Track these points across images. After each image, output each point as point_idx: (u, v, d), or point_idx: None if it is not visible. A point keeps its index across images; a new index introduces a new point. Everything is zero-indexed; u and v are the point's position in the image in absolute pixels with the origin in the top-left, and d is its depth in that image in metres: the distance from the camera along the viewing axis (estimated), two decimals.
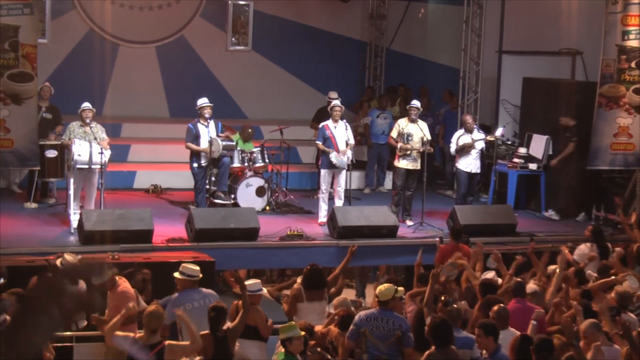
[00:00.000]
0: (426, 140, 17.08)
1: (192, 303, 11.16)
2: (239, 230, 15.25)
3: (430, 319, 9.89)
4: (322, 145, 16.87)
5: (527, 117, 19.83)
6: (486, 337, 9.55)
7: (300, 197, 18.53)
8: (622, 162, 17.71)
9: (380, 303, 10.58)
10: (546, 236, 16.35)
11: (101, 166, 15.52)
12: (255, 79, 22.00)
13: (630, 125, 17.34)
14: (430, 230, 16.51)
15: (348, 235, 15.51)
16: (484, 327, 9.68)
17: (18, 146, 14.49)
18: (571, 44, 19.76)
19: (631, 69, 17.25)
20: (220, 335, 10.08)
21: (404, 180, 17.30)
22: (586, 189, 18.65)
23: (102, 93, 19.69)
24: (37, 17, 14.92)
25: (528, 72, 20.20)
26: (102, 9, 19.85)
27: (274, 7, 21.74)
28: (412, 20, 22.82)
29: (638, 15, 17.12)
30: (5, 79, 14.15)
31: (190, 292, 11.29)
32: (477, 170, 17.75)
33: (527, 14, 20.77)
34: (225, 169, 17.13)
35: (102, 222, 14.61)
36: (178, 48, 21.65)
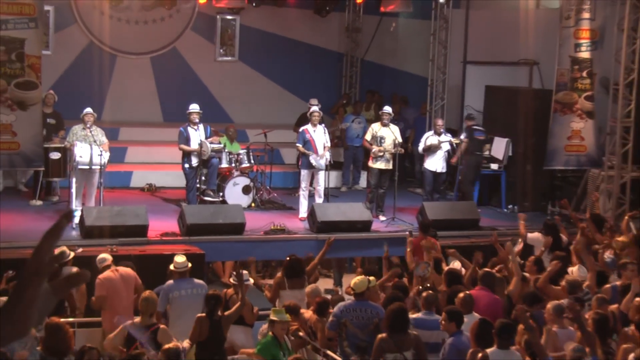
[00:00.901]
0: (398, 142, 17.11)
1: (180, 291, 11.27)
2: (227, 225, 15.25)
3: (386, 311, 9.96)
4: (302, 148, 16.89)
5: (489, 121, 19.80)
6: (449, 322, 9.59)
7: (283, 194, 18.51)
8: (575, 163, 17.78)
9: (356, 294, 10.60)
10: (507, 230, 16.36)
11: (101, 167, 15.52)
12: (241, 87, 21.98)
13: (582, 129, 17.39)
14: (401, 225, 16.50)
15: (326, 229, 15.48)
16: (448, 313, 9.73)
17: (24, 149, 14.44)
18: (529, 55, 19.82)
19: (583, 78, 17.31)
20: (216, 319, 10.11)
21: (377, 179, 17.33)
22: (543, 187, 18.75)
23: (101, 100, 19.62)
24: (41, 30, 14.85)
25: (490, 81, 20.25)
26: (101, 23, 19.78)
27: (258, 21, 21.72)
28: (385, 33, 22.83)
29: (588, 29, 17.19)
30: (12, 87, 14.09)
31: (181, 281, 11.43)
32: (442, 170, 17.82)
33: (489, 28, 20.86)
34: (214, 169, 17.12)
35: (101, 218, 14.59)
36: (171, 59, 21.59)
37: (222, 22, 21.96)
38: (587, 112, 17.40)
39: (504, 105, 19.33)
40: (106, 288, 11.26)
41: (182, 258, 11.67)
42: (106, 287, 11.26)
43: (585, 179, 18.25)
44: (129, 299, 11.23)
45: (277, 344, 9.48)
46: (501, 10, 19.89)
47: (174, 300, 11.15)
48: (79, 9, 20.26)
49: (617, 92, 17.24)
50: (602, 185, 17.56)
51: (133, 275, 11.56)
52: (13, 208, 16.11)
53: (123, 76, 20.95)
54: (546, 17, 18.56)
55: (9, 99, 14.11)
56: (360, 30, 22.96)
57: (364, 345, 10.19)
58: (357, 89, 23.01)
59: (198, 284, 11.50)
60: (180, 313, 11.03)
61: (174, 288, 11.27)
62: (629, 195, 17.36)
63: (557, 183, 18.89)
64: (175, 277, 11.47)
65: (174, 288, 11.27)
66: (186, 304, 11.08)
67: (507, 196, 18.81)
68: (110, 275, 11.38)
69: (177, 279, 11.40)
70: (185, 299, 11.13)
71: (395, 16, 21.95)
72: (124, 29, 20.75)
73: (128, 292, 11.31)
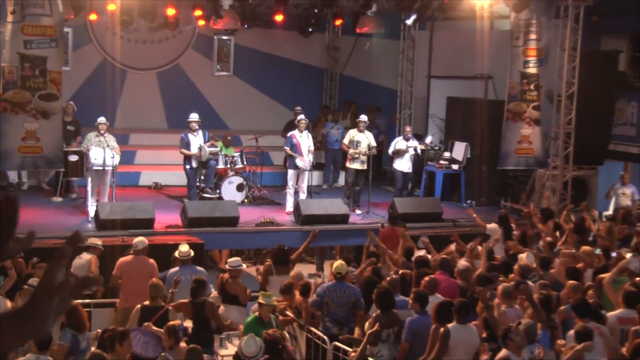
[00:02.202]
0: (372, 146, 17.17)
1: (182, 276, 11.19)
2: (223, 219, 15.24)
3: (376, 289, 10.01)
4: (289, 151, 16.87)
5: (450, 128, 19.88)
6: (415, 302, 9.67)
7: (272, 192, 18.47)
8: (524, 164, 17.80)
9: (337, 277, 10.67)
10: (466, 222, 16.45)
11: (113, 168, 15.52)
12: (235, 98, 21.96)
13: (530, 135, 17.42)
14: (375, 218, 16.55)
15: (309, 222, 15.51)
16: (415, 294, 9.80)
17: (46, 152, 14.40)
18: (484, 70, 19.83)
19: (531, 90, 17.35)
20: (198, 302, 10.10)
21: (354, 178, 17.37)
22: (496, 184, 18.83)
23: (114, 109, 19.60)
24: (61, 49, 14.84)
25: (451, 93, 20.26)
26: (113, 42, 19.76)
27: (250, 41, 21.72)
28: (360, 51, 22.85)
29: (535, 48, 17.22)
30: (36, 98, 14.06)
31: (184, 268, 11.42)
32: (409, 170, 17.89)
33: (450, 47, 20.94)
34: (212, 170, 17.13)
35: (113, 212, 14.61)
36: (174, 74, 21.57)
37: (219, 42, 21.97)
38: (535, 120, 17.45)
39: (463, 114, 19.30)
40: (121, 270, 11.29)
41: (186, 247, 11.68)
42: (121, 269, 11.29)
43: (533, 178, 18.33)
44: (141, 283, 10.99)
45: (260, 323, 9.44)
46: (460, 31, 19.96)
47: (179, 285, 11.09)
48: (94, 31, 20.24)
49: (560, 103, 17.32)
50: (548, 183, 17.67)
51: (151, 264, 11.43)
52: (37, 204, 16.10)
53: (132, 89, 20.93)
54: (499, 38, 18.62)
55: (34, 109, 14.08)
56: (339, 49, 23.02)
57: (343, 320, 10.31)
58: (336, 99, 23.02)
59: (198, 270, 11.48)
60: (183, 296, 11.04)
61: (177, 274, 11.23)
62: (570, 191, 17.48)
63: (508, 181, 18.93)
64: (179, 264, 11.49)
65: (178, 274, 11.23)
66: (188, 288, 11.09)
67: (466, 192, 18.80)
68: (128, 260, 11.41)
69: (181, 266, 11.42)
70: (187, 283, 11.05)
71: (369, 36, 22.00)
72: (133, 48, 20.75)
73: (141, 278, 11.11)
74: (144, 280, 10.89)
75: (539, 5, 17.00)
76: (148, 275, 11.06)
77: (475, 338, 8.94)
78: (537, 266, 11.63)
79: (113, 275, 11.31)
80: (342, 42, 22.91)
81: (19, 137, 14.09)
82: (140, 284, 10.99)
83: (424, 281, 10.32)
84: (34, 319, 1.94)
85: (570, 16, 16.87)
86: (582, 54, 17.16)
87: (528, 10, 16.91)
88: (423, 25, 20.95)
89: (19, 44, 13.88)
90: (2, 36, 13.87)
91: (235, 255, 12.95)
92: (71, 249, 2.02)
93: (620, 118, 18.35)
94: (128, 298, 11.03)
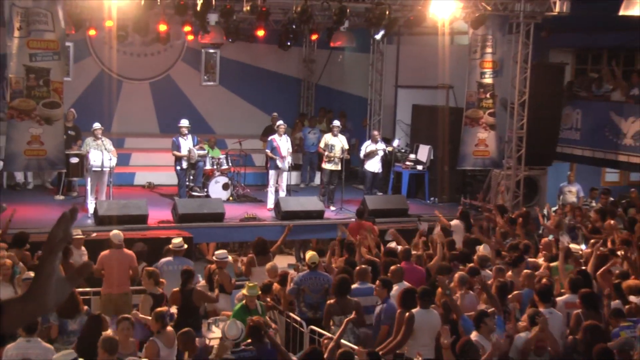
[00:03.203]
0: (344, 149, 17.23)
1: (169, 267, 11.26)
2: (210, 214, 15.25)
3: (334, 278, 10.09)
4: (270, 153, 16.93)
5: (415, 132, 19.94)
6: (382, 288, 9.71)
7: (254, 190, 18.47)
8: (481, 164, 17.86)
9: (311, 266, 10.71)
10: (429, 217, 16.52)
11: (110, 169, 15.51)
12: (221, 105, 21.94)
13: (486, 138, 17.47)
14: (347, 213, 16.57)
15: (288, 217, 15.52)
16: (382, 281, 9.85)
17: (50, 155, 14.33)
18: (445, 80, 19.88)
19: (487, 99, 17.39)
20: (188, 289, 10.10)
21: (328, 178, 17.42)
22: (456, 183, 18.92)
23: (110, 116, 19.54)
24: (63, 61, 14.77)
25: (416, 101, 20.33)
26: (110, 55, 19.70)
27: (234, 54, 21.69)
28: (334, 64, 22.87)
29: (491, 61, 17.27)
30: (40, 106, 13.99)
31: (176, 259, 11.46)
32: (378, 171, 17.94)
33: (415, 59, 20.99)
34: (200, 171, 17.13)
35: (111, 209, 14.56)
36: (165, 83, 21.52)
37: (206, 55, 21.93)
38: (490, 125, 17.48)
39: (426, 120, 19.34)
40: (101, 263, 11.15)
41: (178, 239, 11.71)
42: (101, 262, 11.15)
43: (489, 177, 18.45)
44: (120, 274, 11.05)
45: (246, 311, 9.48)
46: (424, 45, 20.03)
47: (167, 274, 11.10)
48: (93, 45, 20.15)
49: (513, 110, 17.46)
50: (502, 182, 17.80)
51: (130, 256, 11.35)
52: (41, 202, 16.09)
53: (128, 97, 20.86)
54: (458, 52, 18.71)
55: (38, 115, 14.01)
56: (315, 61, 23.06)
57: (316, 304, 10.35)
58: (312, 107, 23.04)
59: (185, 261, 11.49)
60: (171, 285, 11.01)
61: (167, 264, 11.31)
62: (522, 189, 17.65)
63: (467, 180, 19.03)
64: (170, 255, 11.50)
65: (167, 264, 11.31)
66: (175, 276, 11.04)
67: (429, 190, 18.87)
68: (107, 254, 11.29)
69: (172, 257, 11.42)
70: (175, 272, 11.03)
71: (342, 50, 22.03)
72: (129, 60, 20.68)
73: (120, 269, 11.11)
74: (124, 270, 11.03)
75: (494, 22, 17.09)
76: (127, 264, 11.15)
77: (437, 321, 8.98)
78: (492, 256, 11.74)
79: (95, 268, 11.00)
80: (318, 55, 22.96)
81: (24, 141, 14.03)
82: (120, 273, 11.06)
83: (390, 270, 10.39)
84: (35, 301, 1.93)
85: (521, 32, 17.01)
86: (533, 66, 17.31)
87: (484, 26, 16.98)
88: (390, 40, 20.98)
89: (24, 57, 13.81)
90: (9, 50, 13.80)
91: (221, 248, 12.94)
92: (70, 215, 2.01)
93: (566, 123, 18.51)
94: (112, 286, 11.03)
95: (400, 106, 21.41)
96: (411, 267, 11.11)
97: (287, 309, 10.43)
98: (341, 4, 15.75)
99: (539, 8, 16.75)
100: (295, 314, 10.28)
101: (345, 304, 9.67)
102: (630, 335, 8.23)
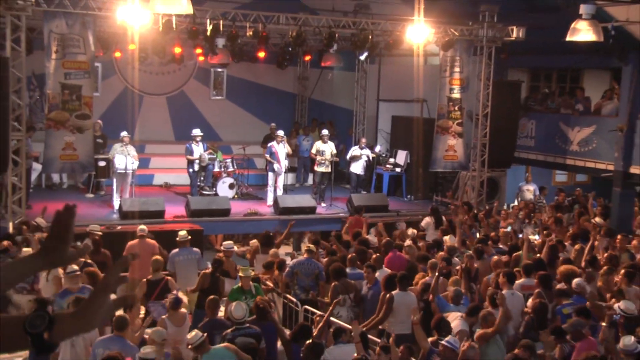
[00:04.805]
0: (333, 154, 17.29)
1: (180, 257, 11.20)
2: (218, 210, 15.28)
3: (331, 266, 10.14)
4: (269, 158, 16.97)
5: (394, 140, 20.00)
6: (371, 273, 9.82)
7: (256, 189, 18.47)
8: (450, 167, 17.91)
9: (308, 253, 10.78)
10: (406, 212, 16.62)
11: (132, 171, 15.54)
12: (227, 116, 21.92)
13: (455, 145, 17.55)
14: (336, 209, 16.68)
15: (285, 212, 15.60)
16: (370, 267, 9.95)
17: (81, 159, 14.36)
18: (420, 95, 19.91)
19: (455, 111, 17.46)
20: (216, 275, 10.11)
21: (319, 178, 17.49)
22: (429, 183, 18.97)
23: (133, 125, 19.48)
24: (92, 79, 14.80)
25: (395, 112, 20.40)
26: (133, 74, 19.64)
27: (239, 72, 21.68)
28: (324, 80, 22.87)
29: (459, 78, 17.37)
30: (73, 117, 14.01)
31: (183, 249, 11.33)
32: (362, 172, 17.97)
33: (394, 77, 21.04)
34: (209, 172, 17.16)
35: (133, 206, 14.60)
36: (180, 98, 21.49)
37: (215, 73, 21.90)
38: (458, 133, 17.58)
39: (404, 129, 19.39)
40: (128, 251, 11.16)
41: (183, 232, 11.62)
42: (128, 250, 11.18)
43: (457, 178, 18.54)
44: (144, 262, 10.92)
45: (241, 291, 9.44)
46: (401, 65, 20.06)
47: (177, 263, 11.07)
48: (118, 65, 20.12)
49: (477, 120, 17.56)
50: (468, 182, 17.88)
51: (152, 245, 11.35)
52: (74, 199, 15.91)
53: (147, 110, 20.83)
54: (431, 70, 18.78)
55: (71, 125, 14.04)
56: (308, 78, 23.07)
57: (308, 287, 10.41)
58: (306, 117, 23.03)
59: (194, 251, 11.41)
60: (180, 271, 10.97)
61: (177, 254, 11.21)
62: (485, 188, 17.73)
63: (439, 180, 19.05)
64: (180, 247, 11.45)
65: (177, 254, 11.21)
66: (184, 265, 11.00)
67: (406, 189, 18.94)
68: (133, 243, 11.34)
69: (181, 248, 11.33)
70: (185, 262, 11.06)
71: (331, 69, 22.06)
72: (148, 78, 20.64)
73: (144, 255, 11.01)
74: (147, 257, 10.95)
75: (461, 46, 17.19)
76: (150, 253, 11.08)
77: (414, 301, 9.07)
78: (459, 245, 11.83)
79: (123, 255, 11.12)
80: (310, 73, 22.96)
81: (60, 148, 14.06)
82: (143, 260, 11.00)
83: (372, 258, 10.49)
84: (85, 320, 1.89)
85: (484, 54, 17.10)
86: (494, 83, 17.40)
87: (453, 49, 17.09)
88: (373, 60, 21.05)
89: (60, 76, 13.85)
90: (47, 70, 13.88)
91: (227, 239, 12.98)
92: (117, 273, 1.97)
93: (523, 132, 18.60)
94: (135, 271, 11.02)
95: (382, 117, 21.47)
96: (396, 255, 11.19)
97: (284, 292, 10.49)
98: (330, 30, 15.86)
99: (499, 34, 16.86)
100: (291, 296, 10.34)
101: (346, 284, 9.73)
102: (572, 311, 8.31)
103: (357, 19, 16.70)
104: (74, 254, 2.14)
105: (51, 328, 1.80)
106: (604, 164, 16.59)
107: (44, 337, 1.78)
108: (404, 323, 8.92)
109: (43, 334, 1.78)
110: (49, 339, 1.79)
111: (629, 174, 15.78)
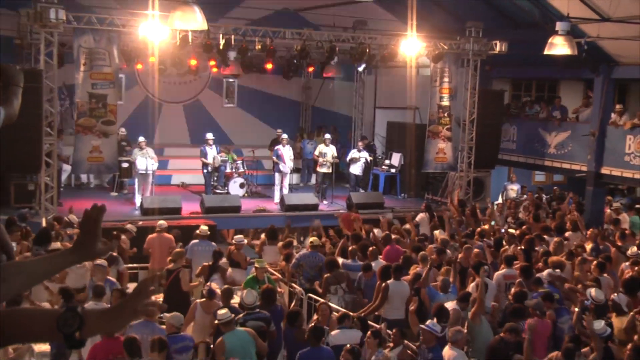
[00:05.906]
0: (334, 156, 17.31)
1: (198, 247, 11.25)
2: (230, 207, 15.31)
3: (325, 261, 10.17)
4: (276, 159, 17.02)
5: (390, 143, 19.97)
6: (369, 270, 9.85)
7: (264, 188, 18.45)
8: (440, 168, 17.92)
9: (312, 247, 10.81)
10: (400, 209, 16.62)
11: (152, 172, 15.63)
12: (238, 122, 21.88)
13: (444, 148, 17.57)
14: (336, 206, 16.66)
15: (291, 209, 15.63)
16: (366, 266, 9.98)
17: (106, 161, 14.42)
18: (413, 103, 19.84)
19: (445, 117, 17.49)
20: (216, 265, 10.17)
21: (322, 178, 17.50)
22: (421, 182, 18.96)
23: (153, 131, 19.47)
24: (117, 89, 14.87)
25: (390, 118, 20.38)
26: (153, 84, 19.60)
27: (249, 82, 21.65)
28: (326, 90, 22.85)
29: (448, 88, 17.38)
30: (99, 123, 14.09)
31: (201, 241, 11.38)
32: (360, 173, 17.95)
33: (390, 86, 21.04)
34: (222, 173, 17.22)
35: (153, 203, 14.66)
36: (195, 105, 21.48)
37: (227, 83, 21.88)
38: (448, 138, 17.59)
39: (398, 134, 19.40)
40: (149, 244, 11.35)
41: (205, 227, 11.68)
42: (149, 243, 11.34)
43: (446, 178, 18.54)
44: (162, 253, 11.10)
45: (256, 280, 9.49)
46: (396, 76, 20.06)
47: (195, 253, 11.12)
48: (140, 76, 20.09)
49: (465, 126, 17.58)
50: (456, 181, 17.89)
51: (169, 239, 11.42)
52: (100, 197, 15.91)
53: (166, 116, 20.81)
54: (423, 80, 18.79)
55: (98, 130, 14.11)
56: (311, 88, 23.00)
57: (312, 278, 10.45)
58: (310, 123, 23.03)
59: (210, 243, 11.46)
60: (197, 259, 10.98)
61: (195, 245, 11.28)
62: (472, 187, 17.75)
63: (430, 180, 19.00)
64: (198, 239, 11.50)
65: (195, 245, 11.28)
66: (201, 255, 11.01)
67: (400, 188, 18.92)
68: (153, 237, 11.46)
69: (199, 240, 11.41)
70: (202, 252, 11.10)
71: (332, 79, 22.00)
72: (167, 87, 20.62)
73: (161, 249, 11.20)
74: (165, 250, 11.06)
75: (450, 58, 17.20)
76: (167, 246, 11.21)
77: (407, 290, 9.11)
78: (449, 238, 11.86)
79: (144, 248, 11.40)
80: (313, 83, 22.89)
81: (87, 151, 14.15)
82: (162, 252, 11.13)
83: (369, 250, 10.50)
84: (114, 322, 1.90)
85: (471, 66, 17.11)
86: (479, 92, 17.39)
87: (442, 61, 17.09)
88: (370, 71, 21.06)
89: (88, 86, 13.94)
90: (77, 81, 13.99)
91: (239, 234, 13.02)
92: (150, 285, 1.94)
93: (505, 136, 18.60)
94: (155, 262, 11.16)
95: (378, 123, 21.49)
96: (393, 247, 11.22)
97: (290, 281, 10.52)
98: (331, 44, 15.92)
99: (484, 48, 16.88)
100: (297, 285, 10.38)
101: (338, 275, 9.76)
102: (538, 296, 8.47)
103: (355, 34, 16.79)
104: (104, 249, 2.17)
105: (82, 327, 1.78)
106: (578, 165, 16.68)
107: (76, 336, 1.78)
108: (399, 309, 8.98)
109: (75, 333, 1.78)
110: (80, 336, 1.79)
111: (600, 174, 16.03)
